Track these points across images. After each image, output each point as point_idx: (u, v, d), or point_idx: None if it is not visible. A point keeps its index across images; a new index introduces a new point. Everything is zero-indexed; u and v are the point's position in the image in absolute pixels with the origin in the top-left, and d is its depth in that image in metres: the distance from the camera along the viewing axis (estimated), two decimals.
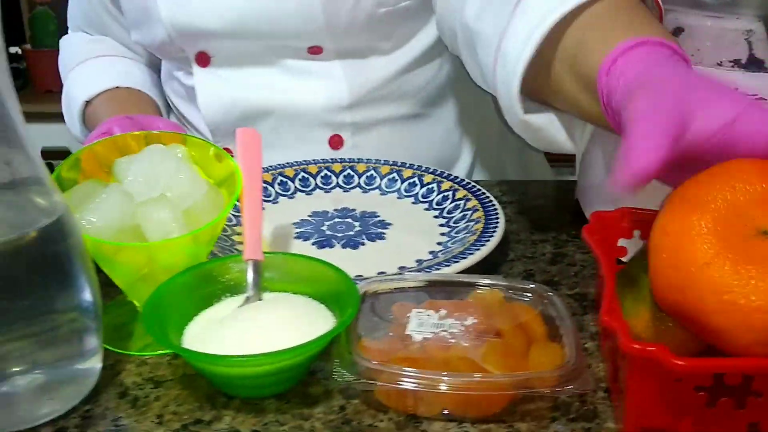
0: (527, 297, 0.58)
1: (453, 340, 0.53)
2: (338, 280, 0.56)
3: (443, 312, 0.55)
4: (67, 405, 0.51)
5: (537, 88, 0.61)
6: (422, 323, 0.54)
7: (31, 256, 0.48)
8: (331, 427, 0.50)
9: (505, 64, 0.60)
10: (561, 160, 1.17)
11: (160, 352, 0.57)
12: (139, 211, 0.56)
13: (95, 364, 0.53)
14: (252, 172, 0.61)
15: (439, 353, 0.52)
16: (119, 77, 0.89)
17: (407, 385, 0.49)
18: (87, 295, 0.51)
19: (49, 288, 0.49)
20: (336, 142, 0.87)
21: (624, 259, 0.58)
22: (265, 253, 0.58)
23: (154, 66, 0.97)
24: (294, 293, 0.58)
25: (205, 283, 0.57)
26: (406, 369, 0.49)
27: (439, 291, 0.59)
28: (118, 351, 0.57)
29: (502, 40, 0.61)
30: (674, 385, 0.44)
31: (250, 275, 0.57)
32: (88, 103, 0.88)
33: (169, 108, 0.96)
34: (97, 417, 0.51)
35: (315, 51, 0.83)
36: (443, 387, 0.49)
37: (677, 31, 0.61)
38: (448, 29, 0.73)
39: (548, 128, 0.63)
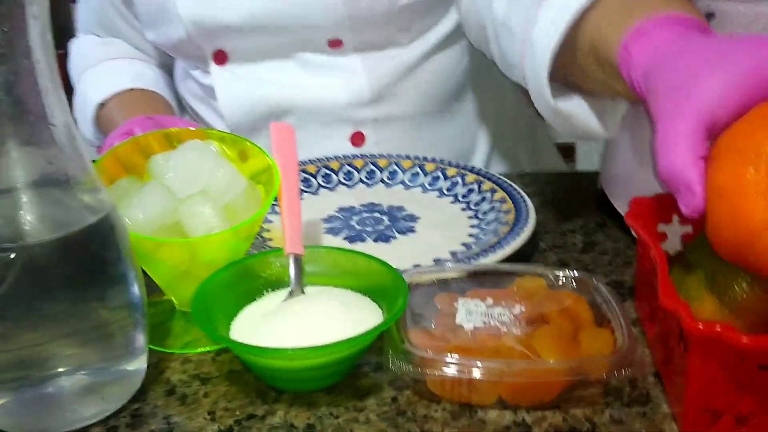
0: (570, 284, 0.58)
1: (504, 329, 0.53)
2: (382, 272, 0.56)
3: (490, 301, 0.55)
4: (115, 404, 0.51)
5: (567, 74, 0.62)
6: (471, 312, 0.54)
7: (79, 253, 0.47)
8: (386, 419, 0.50)
9: (534, 55, 0.61)
10: (564, 155, 1.18)
11: (204, 349, 0.56)
12: (181, 207, 0.55)
13: (142, 363, 0.52)
14: (288, 166, 0.60)
15: (492, 342, 0.52)
16: (133, 79, 0.88)
17: (463, 373, 0.49)
18: (135, 293, 0.50)
19: (98, 286, 0.48)
20: (357, 139, 0.87)
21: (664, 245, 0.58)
22: (306, 247, 0.58)
23: (166, 67, 0.96)
24: (336, 286, 0.57)
25: (247, 278, 0.57)
26: (462, 357, 0.49)
27: (479, 281, 0.59)
28: (161, 350, 0.56)
29: (530, 32, 0.61)
30: (737, 364, 0.44)
31: (292, 269, 0.57)
32: (101, 105, 0.87)
33: (183, 109, 0.95)
34: (147, 415, 0.50)
35: (335, 44, 0.83)
36: (500, 375, 0.49)
37: (709, 17, 0.61)
38: (476, 25, 0.73)
39: (578, 114, 0.63)
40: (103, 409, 0.50)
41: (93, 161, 0.59)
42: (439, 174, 0.80)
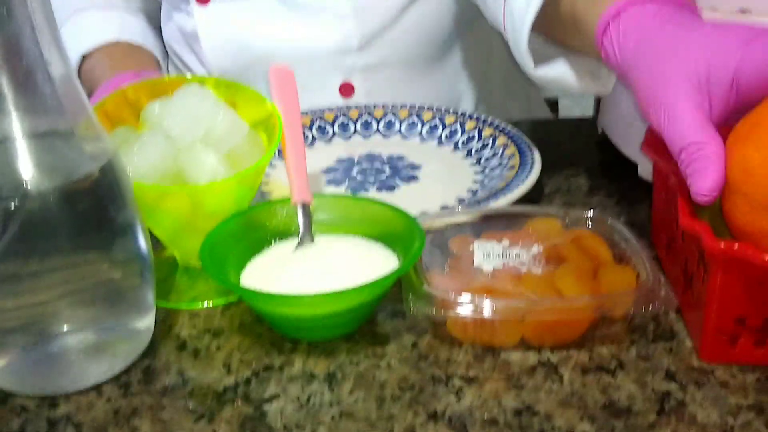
0: (585, 223, 0.56)
1: (524, 268, 0.51)
2: (394, 218, 0.54)
3: (506, 242, 0.54)
4: (125, 362, 0.49)
5: (549, 35, 0.60)
6: (488, 254, 0.53)
7: (83, 203, 0.45)
8: (408, 364, 0.48)
9: (513, 22, 0.59)
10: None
11: (212, 303, 0.54)
12: (182, 155, 0.53)
13: (151, 319, 0.50)
14: (290, 112, 0.58)
15: (512, 281, 0.50)
16: (116, 30, 0.84)
17: (485, 314, 0.47)
18: (141, 245, 0.48)
19: (104, 238, 0.46)
20: (347, 89, 0.84)
21: None
22: (314, 195, 0.56)
23: (153, 17, 0.91)
24: (346, 234, 0.56)
25: (254, 229, 0.55)
26: (485, 298, 0.47)
27: (493, 224, 0.57)
28: (168, 305, 0.54)
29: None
30: (757, 283, 0.44)
31: (300, 218, 0.55)
32: (84, 57, 0.83)
33: (170, 60, 0.91)
34: (160, 371, 0.48)
35: None
36: (523, 314, 0.48)
37: None
38: None
39: (564, 79, 0.61)
40: (112, 367, 0.48)
41: None
42: (437, 122, 0.78)
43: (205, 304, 0.54)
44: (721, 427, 0.43)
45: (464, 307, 0.47)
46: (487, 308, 0.47)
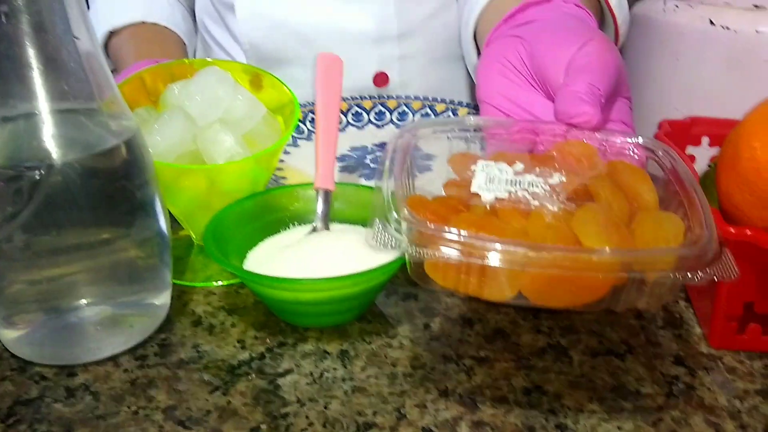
0: (632, 152, 0.45)
1: (535, 202, 0.40)
2: None
3: (519, 166, 0.43)
4: (141, 335, 0.49)
5: None
6: (491, 179, 0.42)
7: (106, 177, 0.46)
8: (420, 343, 0.49)
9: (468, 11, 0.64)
10: None
11: (226, 282, 0.55)
12: (200, 135, 0.54)
13: (167, 297, 0.51)
14: (331, 98, 0.57)
15: (517, 218, 0.40)
16: (145, 11, 0.84)
17: (472, 256, 0.36)
18: (161, 222, 0.48)
19: (125, 213, 0.47)
20: (381, 79, 0.84)
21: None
22: (337, 183, 0.56)
23: None
24: (362, 225, 0.56)
25: (271, 210, 0.55)
26: (473, 235, 0.37)
27: (509, 144, 0.47)
28: (183, 283, 0.55)
29: None
30: (760, 271, 0.45)
31: (319, 204, 0.55)
32: (111, 34, 0.84)
33: (199, 39, 0.91)
34: (176, 344, 0.49)
35: None
36: (522, 263, 0.36)
37: None
38: None
39: None
40: (129, 340, 0.49)
41: None
42: (450, 114, 0.79)
43: (219, 283, 0.55)
44: (728, 410, 0.44)
45: (442, 244, 0.37)
46: (473, 250, 0.36)
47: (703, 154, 0.57)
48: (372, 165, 0.71)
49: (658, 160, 0.44)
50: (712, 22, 0.64)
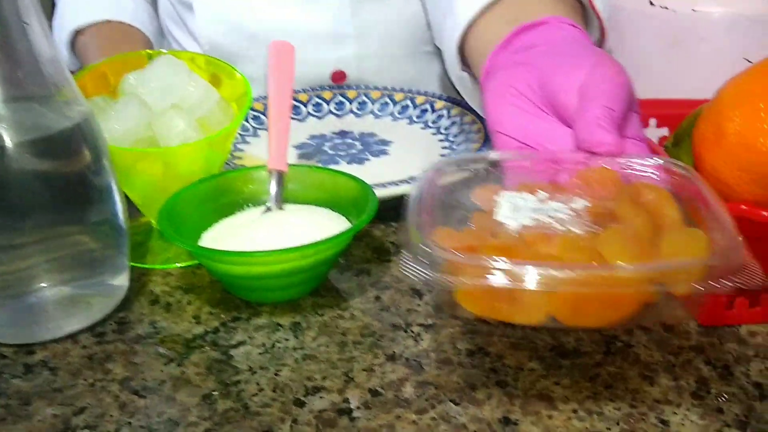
0: (652, 174, 0.45)
1: (561, 227, 0.41)
2: (358, 189, 0.55)
3: (543, 195, 0.43)
4: (100, 314, 0.51)
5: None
6: (516, 208, 0.42)
7: (59, 160, 0.47)
8: (371, 314, 0.51)
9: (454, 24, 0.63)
10: None
11: (184, 264, 0.56)
12: (155, 121, 0.55)
13: (125, 277, 0.52)
14: (283, 83, 0.59)
15: (543, 243, 0.40)
16: (110, 9, 0.85)
17: (498, 281, 0.37)
18: (118, 208, 0.50)
19: (80, 198, 0.48)
20: (339, 77, 0.86)
21: None
22: (290, 165, 0.58)
23: None
24: (316, 205, 0.58)
25: (226, 192, 0.57)
26: (500, 260, 0.37)
27: (529, 173, 0.47)
28: (142, 266, 0.56)
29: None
30: (755, 243, 0.45)
31: (273, 186, 0.57)
32: (77, 33, 0.85)
33: (164, 37, 0.93)
34: (134, 322, 0.51)
35: None
36: (549, 284, 0.37)
37: None
38: None
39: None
40: (87, 318, 0.50)
41: None
42: (408, 103, 0.81)
43: (177, 265, 0.56)
44: (663, 365, 0.46)
45: (472, 271, 0.37)
46: (500, 274, 0.37)
47: (651, 135, 0.59)
48: (330, 151, 0.73)
49: (678, 178, 0.45)
50: (651, 3, 0.67)
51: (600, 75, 0.49)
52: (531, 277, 0.36)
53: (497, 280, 0.37)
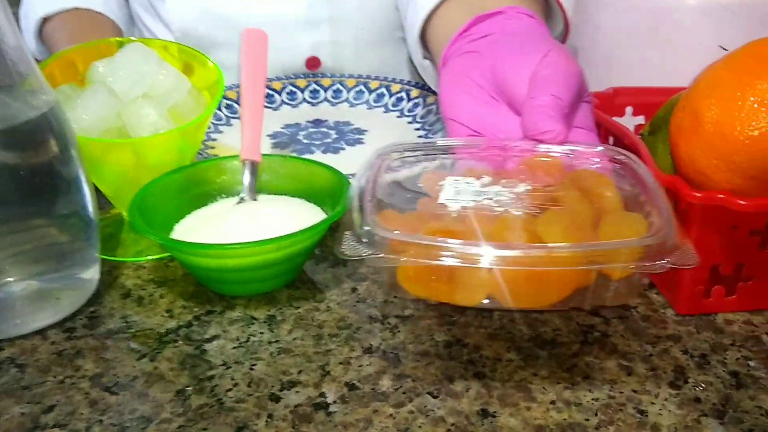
0: (594, 161, 0.47)
1: (500, 209, 0.41)
2: (333, 179, 0.55)
3: (486, 179, 0.44)
4: (70, 308, 0.50)
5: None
6: (459, 191, 0.44)
7: (25, 150, 0.46)
8: (347, 306, 0.50)
9: (416, 13, 0.64)
10: None
11: (156, 256, 0.55)
12: (124, 110, 0.54)
13: (95, 272, 0.51)
14: (256, 71, 0.58)
15: (483, 223, 0.41)
16: None
17: (440, 259, 0.38)
18: (87, 199, 0.49)
19: (47, 190, 0.47)
20: (313, 64, 0.84)
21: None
22: (263, 155, 0.57)
23: None
24: (291, 196, 0.57)
25: (198, 183, 0.56)
26: (442, 239, 0.38)
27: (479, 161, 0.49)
28: (113, 258, 0.55)
29: None
30: (731, 231, 0.46)
31: (246, 176, 0.56)
32: (45, 19, 0.83)
33: (134, 25, 0.91)
34: (105, 316, 0.49)
35: None
36: (491, 260, 0.37)
37: None
38: None
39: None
40: (56, 313, 0.49)
41: None
42: (384, 91, 0.80)
43: (149, 258, 0.55)
44: (640, 355, 0.45)
45: (411, 250, 0.38)
46: (440, 253, 0.38)
47: (627, 123, 0.59)
48: (305, 141, 0.72)
49: (620, 165, 0.46)
50: None
51: (550, 64, 0.49)
52: (468, 256, 0.37)
53: (433, 258, 0.37)
